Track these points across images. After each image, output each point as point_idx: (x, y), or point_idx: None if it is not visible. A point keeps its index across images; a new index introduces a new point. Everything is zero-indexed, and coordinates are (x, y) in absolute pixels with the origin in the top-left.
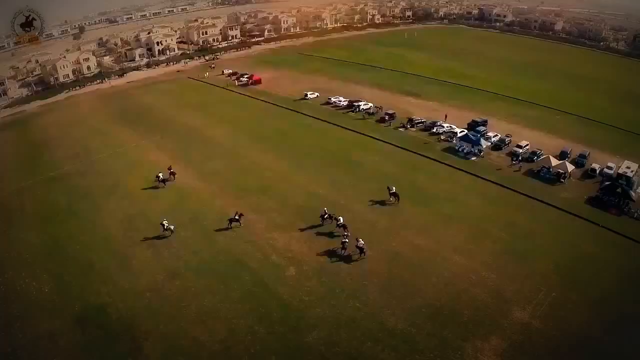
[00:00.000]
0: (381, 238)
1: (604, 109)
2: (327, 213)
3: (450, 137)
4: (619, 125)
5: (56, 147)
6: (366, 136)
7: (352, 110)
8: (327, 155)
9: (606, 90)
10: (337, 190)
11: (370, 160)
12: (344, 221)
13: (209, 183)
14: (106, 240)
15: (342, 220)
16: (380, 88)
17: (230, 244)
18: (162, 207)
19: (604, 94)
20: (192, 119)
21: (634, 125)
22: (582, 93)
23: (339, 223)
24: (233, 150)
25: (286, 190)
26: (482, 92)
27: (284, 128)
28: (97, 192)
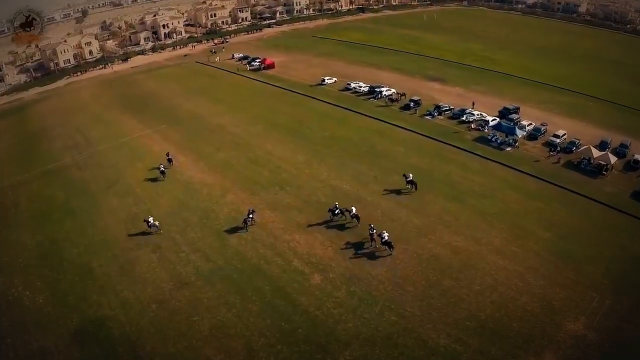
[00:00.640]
0: (414, 239)
1: (637, 94)
2: (338, 207)
3: (482, 126)
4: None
5: (54, 137)
6: (390, 124)
7: (374, 97)
8: (349, 146)
9: (636, 75)
10: (361, 185)
11: (396, 151)
12: (357, 211)
13: (219, 177)
14: (106, 242)
15: (354, 211)
16: (401, 72)
17: (245, 247)
18: (168, 204)
19: (635, 79)
20: (200, 106)
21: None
22: (611, 78)
23: (352, 214)
24: (245, 140)
25: (306, 184)
26: (509, 77)
27: (300, 116)
28: (97, 188)
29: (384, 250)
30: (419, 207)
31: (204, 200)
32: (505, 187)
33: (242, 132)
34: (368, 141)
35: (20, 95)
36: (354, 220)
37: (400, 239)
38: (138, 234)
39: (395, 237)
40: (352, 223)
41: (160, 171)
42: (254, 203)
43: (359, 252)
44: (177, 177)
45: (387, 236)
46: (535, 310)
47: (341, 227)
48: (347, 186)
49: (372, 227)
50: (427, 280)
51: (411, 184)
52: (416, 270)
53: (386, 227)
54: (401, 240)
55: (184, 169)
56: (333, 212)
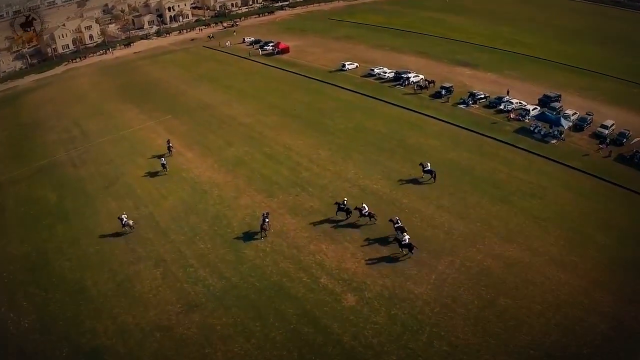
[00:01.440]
0: (461, 249)
1: None
2: (346, 205)
3: (522, 115)
4: None
5: (49, 129)
6: (421, 114)
7: (400, 83)
8: (376, 139)
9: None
10: (394, 185)
11: (430, 145)
12: (369, 209)
13: (231, 175)
14: (103, 254)
15: (367, 208)
16: (427, 57)
17: (264, 260)
18: (172, 207)
19: None
20: (208, 95)
21: None
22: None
23: (364, 212)
24: (259, 133)
25: (330, 184)
26: (543, 62)
27: (320, 105)
28: (93, 188)
29: (426, 261)
30: (463, 210)
31: (214, 204)
32: (555, 185)
33: (256, 124)
34: (398, 133)
35: (15, 84)
36: (369, 220)
37: (445, 250)
38: (139, 244)
39: (439, 247)
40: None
41: (162, 164)
42: (271, 207)
43: (398, 266)
44: (182, 175)
45: (408, 238)
46: (606, 332)
47: (378, 238)
48: (378, 186)
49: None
50: (480, 299)
51: (430, 174)
52: (466, 287)
53: (428, 235)
54: (446, 251)
55: (191, 166)
56: (340, 208)
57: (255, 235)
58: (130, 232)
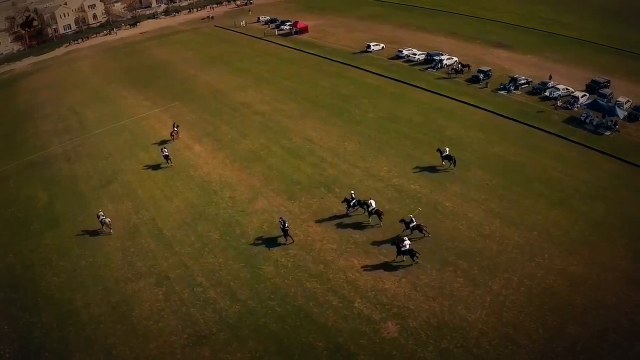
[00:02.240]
0: (518, 263)
1: None
2: (355, 198)
3: (570, 103)
4: None
5: (44, 117)
6: (458, 101)
7: (432, 67)
8: (410, 130)
9: None
10: (435, 185)
11: (472, 137)
12: (377, 206)
13: (246, 173)
14: (96, 268)
15: (374, 205)
16: (458, 37)
17: (286, 278)
18: (177, 211)
19: None
20: (220, 79)
21: None
22: None
23: (371, 209)
24: (277, 123)
25: (361, 184)
26: (584, 43)
27: (344, 90)
28: (88, 187)
29: (479, 279)
30: (516, 216)
31: (225, 207)
32: (616, 185)
33: (273, 112)
34: (434, 123)
35: (12, 67)
36: (374, 218)
37: (499, 266)
38: (138, 256)
39: (493, 262)
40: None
41: (164, 156)
42: (293, 212)
43: (445, 285)
44: (190, 172)
45: (409, 244)
46: None
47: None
48: (415, 186)
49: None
50: (545, 327)
51: (449, 160)
52: (528, 312)
53: (478, 247)
54: (500, 267)
55: (199, 161)
56: (348, 203)
57: (273, 247)
58: (107, 232)
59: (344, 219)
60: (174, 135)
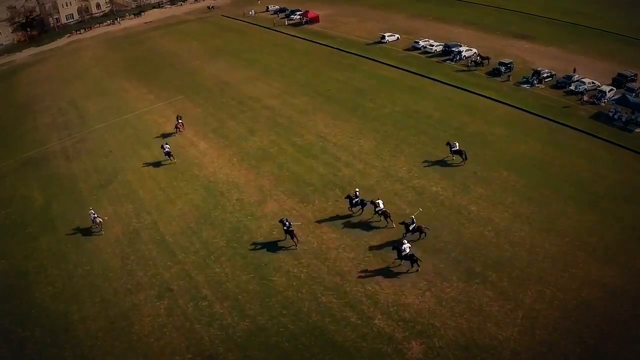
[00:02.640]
0: (550, 273)
1: None
2: (359, 197)
3: (597, 98)
4: None
5: (43, 111)
6: (479, 96)
7: (450, 59)
8: (429, 127)
9: None
10: (459, 187)
11: (496, 135)
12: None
13: (254, 173)
14: (94, 277)
15: (381, 205)
16: (477, 28)
17: (299, 291)
18: (181, 215)
19: None
20: (227, 71)
21: None
22: None
23: (378, 209)
24: (288, 118)
25: (378, 186)
26: (608, 35)
27: (358, 83)
28: (87, 187)
29: (509, 292)
30: (546, 221)
31: (233, 211)
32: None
33: (283, 106)
34: (454, 119)
35: (12, 58)
36: (381, 219)
37: (531, 277)
38: (138, 265)
39: (523, 273)
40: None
41: (166, 152)
42: (305, 216)
43: (473, 299)
44: (194, 172)
45: (409, 247)
46: None
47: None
48: (438, 188)
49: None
50: (583, 346)
51: (460, 154)
52: (563, 329)
53: (507, 255)
54: (532, 278)
55: (204, 160)
56: (350, 201)
57: (284, 256)
58: (99, 231)
59: (361, 224)
60: (179, 129)
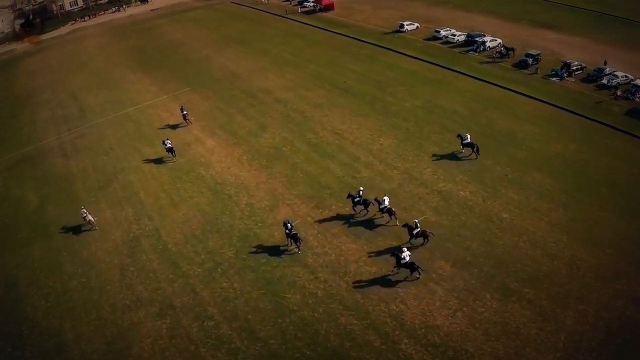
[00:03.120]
0: (593, 290)
1: None
2: (361, 196)
3: (631, 93)
4: None
5: (42, 104)
6: (507, 90)
7: (474, 49)
8: (455, 123)
9: None
10: (490, 191)
11: (526, 132)
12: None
13: (265, 174)
14: (90, 291)
15: (387, 202)
16: (500, 16)
17: (315, 311)
18: (185, 221)
19: None
20: (237, 61)
21: None
22: None
23: (382, 206)
24: (302, 113)
25: (401, 190)
26: (635, 24)
27: (376, 75)
28: (84, 188)
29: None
30: (585, 230)
31: (242, 217)
32: None
33: (297, 100)
34: (481, 115)
35: (13, 46)
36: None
37: (571, 294)
38: (138, 277)
39: (563, 289)
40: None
41: (167, 149)
42: (321, 223)
43: (509, 320)
44: (200, 172)
45: (409, 256)
46: None
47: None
48: (466, 192)
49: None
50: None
51: (471, 147)
52: (609, 354)
53: (545, 270)
54: (572, 295)
55: (212, 159)
56: (353, 200)
57: (299, 269)
58: (91, 229)
59: (384, 234)
60: (187, 120)
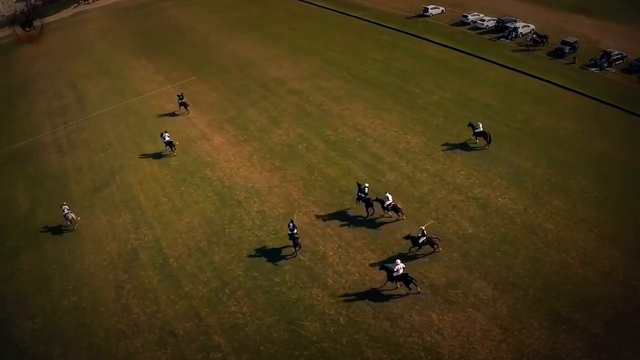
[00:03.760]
0: None
1: None
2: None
3: None
4: None
5: (39, 93)
6: (543, 81)
7: (505, 36)
8: (488, 119)
9: None
10: (531, 198)
11: (567, 130)
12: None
13: (279, 176)
14: (82, 312)
15: (390, 199)
16: (530, 0)
17: (338, 341)
18: (189, 230)
19: None
20: (248, 48)
21: None
22: None
23: (387, 203)
24: (319, 106)
25: (431, 196)
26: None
27: (400, 64)
28: (79, 190)
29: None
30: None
31: (252, 227)
32: None
33: (313, 91)
34: (517, 110)
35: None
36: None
37: (628, 318)
38: (135, 298)
39: (618, 313)
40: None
41: (166, 142)
42: (343, 236)
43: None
44: (206, 173)
45: (402, 268)
46: None
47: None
48: (505, 200)
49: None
50: None
51: (484, 137)
52: None
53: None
54: (629, 320)
55: (219, 157)
56: (360, 197)
57: (318, 291)
58: (73, 227)
59: (413, 248)
60: (184, 107)
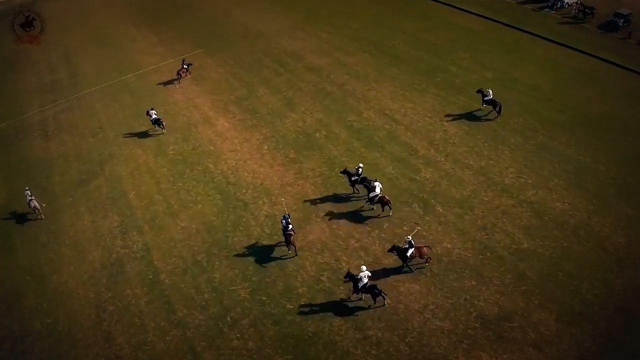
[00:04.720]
0: None
1: None
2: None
3: None
4: None
5: (30, 67)
6: (597, 58)
7: (549, 6)
8: (538, 103)
9: None
10: (596, 203)
11: (628, 118)
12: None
13: (293, 171)
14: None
15: (378, 190)
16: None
17: None
18: (186, 238)
19: None
20: (261, 18)
21: None
22: None
23: (372, 194)
24: (340, 87)
25: (476, 198)
26: None
27: (434, 38)
28: (63, 183)
29: None
30: None
31: (261, 236)
32: None
33: (334, 68)
34: (571, 93)
35: None
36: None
37: None
38: (119, 323)
39: None
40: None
41: (153, 120)
42: (368, 249)
43: None
44: (208, 165)
45: (368, 276)
46: None
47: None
48: (564, 205)
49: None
50: None
51: (493, 105)
52: None
53: None
54: None
55: (223, 147)
56: (350, 178)
57: (341, 320)
58: (38, 216)
59: (457, 266)
60: (181, 75)
